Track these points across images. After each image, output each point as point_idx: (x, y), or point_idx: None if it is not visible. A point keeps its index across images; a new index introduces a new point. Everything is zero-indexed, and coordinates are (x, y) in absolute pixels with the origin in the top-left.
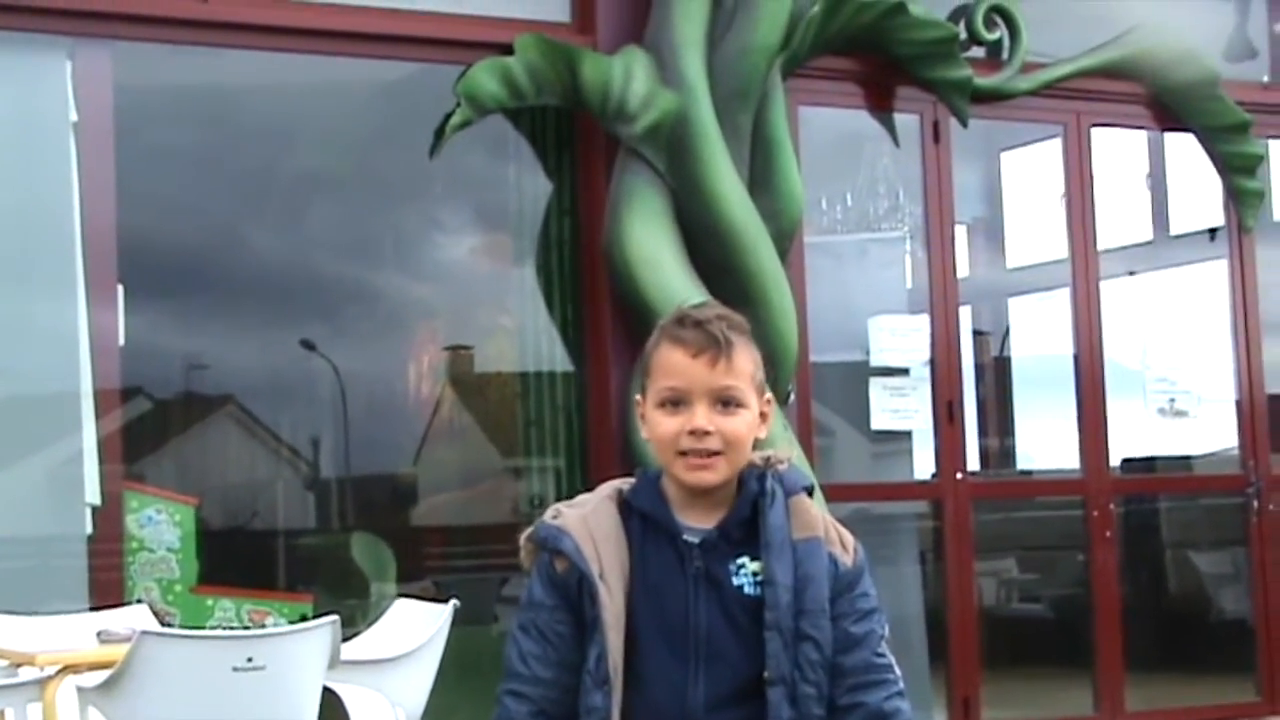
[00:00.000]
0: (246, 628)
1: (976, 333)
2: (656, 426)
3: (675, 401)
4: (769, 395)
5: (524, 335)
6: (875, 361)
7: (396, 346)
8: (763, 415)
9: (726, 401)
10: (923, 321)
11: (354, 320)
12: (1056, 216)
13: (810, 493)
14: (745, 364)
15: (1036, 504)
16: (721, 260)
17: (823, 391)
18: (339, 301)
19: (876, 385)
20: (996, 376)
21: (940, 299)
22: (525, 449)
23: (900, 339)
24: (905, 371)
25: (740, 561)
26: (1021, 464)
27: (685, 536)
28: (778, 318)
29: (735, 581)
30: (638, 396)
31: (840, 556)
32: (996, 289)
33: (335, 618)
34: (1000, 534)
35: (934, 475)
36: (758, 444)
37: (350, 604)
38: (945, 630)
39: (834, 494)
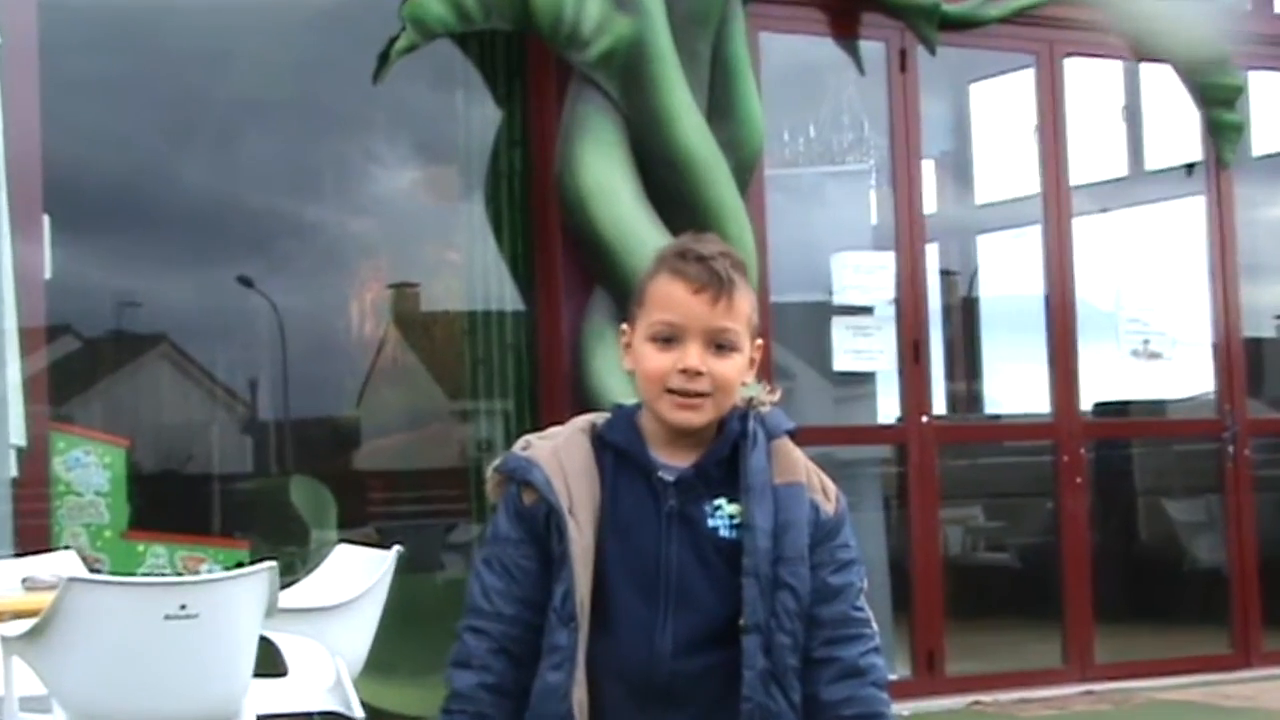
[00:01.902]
0: (179, 574)
1: (944, 271)
2: (645, 360)
3: (668, 338)
4: (760, 340)
5: (472, 271)
6: (838, 300)
7: (338, 283)
8: (752, 360)
9: (722, 344)
10: (888, 259)
11: (293, 256)
12: (1028, 151)
13: (793, 436)
14: (744, 306)
15: (1005, 449)
16: (678, 192)
17: (783, 331)
18: (278, 236)
19: (839, 325)
20: (964, 317)
21: (906, 236)
22: (473, 390)
23: (864, 277)
24: (869, 311)
25: (717, 503)
26: (989, 407)
27: (660, 473)
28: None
29: (711, 523)
30: (624, 326)
31: (822, 504)
32: (965, 226)
33: (273, 564)
34: (967, 480)
35: (899, 419)
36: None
37: (289, 550)
38: (909, 580)
39: (798, 438)
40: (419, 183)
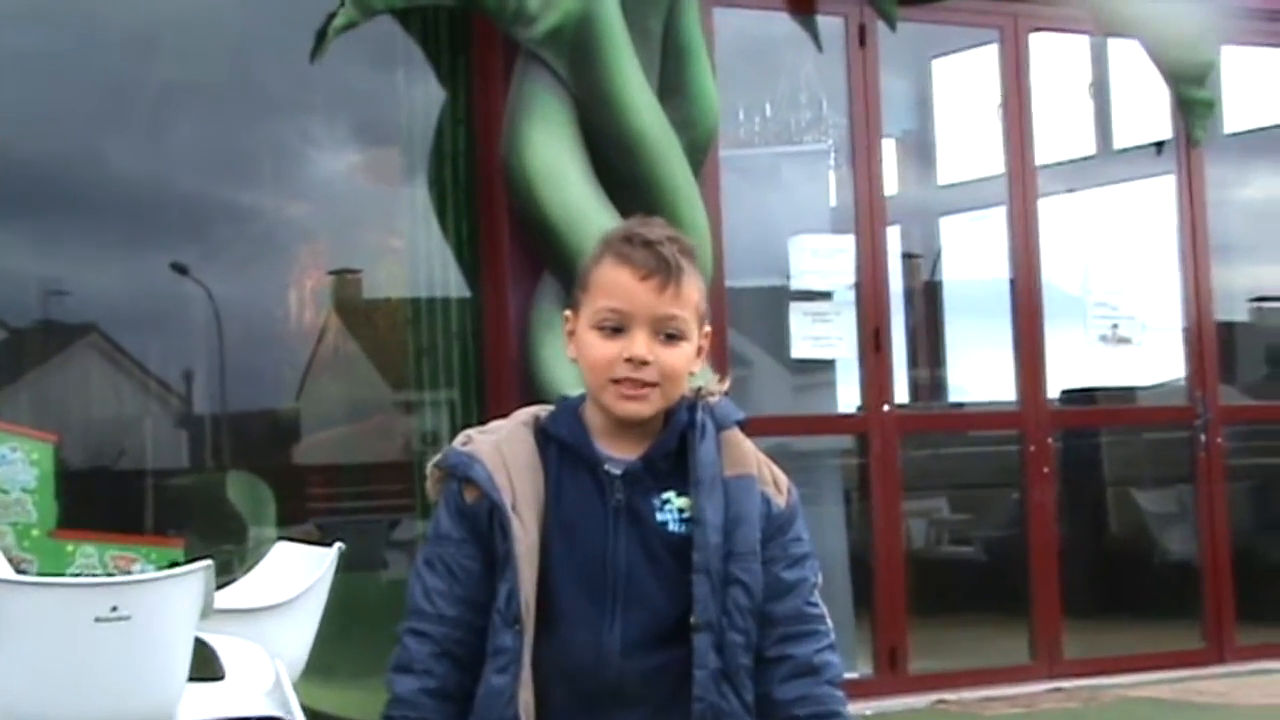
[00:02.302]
0: (111, 575)
1: (905, 255)
2: (589, 349)
3: (614, 326)
4: (708, 328)
5: (415, 257)
6: (796, 285)
7: (276, 270)
8: (700, 349)
9: (669, 332)
10: (847, 242)
11: (230, 242)
12: (992, 129)
13: (743, 427)
14: (692, 293)
15: (969, 439)
16: (629, 174)
17: (739, 317)
18: (213, 221)
19: (797, 311)
20: (927, 301)
21: (866, 218)
22: (417, 381)
23: (823, 261)
24: (828, 296)
25: (666, 497)
26: (953, 396)
27: (606, 467)
28: (689, 236)
29: (659, 518)
30: (567, 312)
31: (774, 497)
32: (927, 207)
33: (208, 563)
34: (930, 471)
35: (859, 408)
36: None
37: (225, 549)
38: (871, 575)
39: (751, 428)
40: (359, 165)
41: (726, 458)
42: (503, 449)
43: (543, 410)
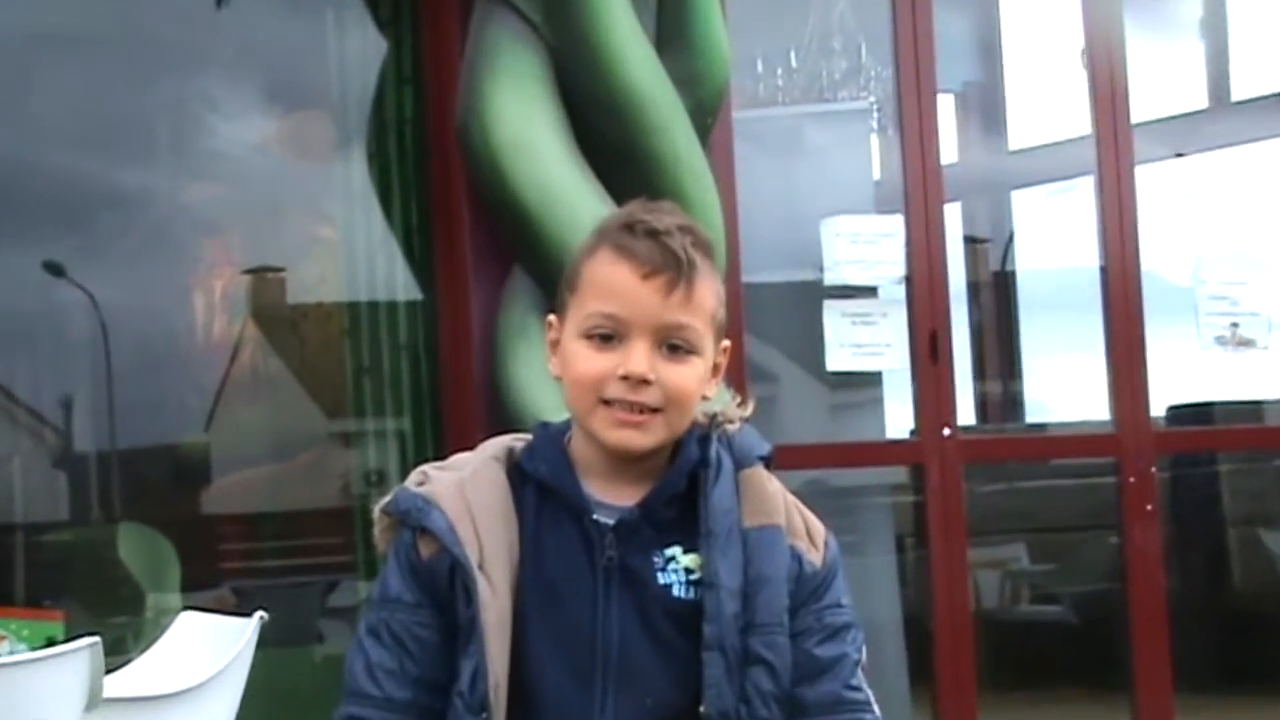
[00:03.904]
0: None
1: (969, 239)
2: (576, 362)
3: (608, 334)
4: (727, 341)
5: (352, 251)
6: (831, 279)
7: (177, 270)
8: (716, 366)
9: (676, 344)
10: (895, 224)
11: (115, 235)
12: (1076, 80)
13: (769, 464)
14: (707, 297)
15: (1052, 469)
16: (619, 143)
17: (760, 321)
18: (94, 210)
19: (833, 312)
20: (996, 297)
21: (919, 193)
22: (357, 406)
23: (865, 248)
24: (872, 292)
25: (670, 553)
26: (1031, 415)
27: (596, 515)
28: (698, 219)
29: (662, 580)
30: (551, 317)
31: (806, 552)
32: (995, 179)
33: (96, 640)
34: (1003, 511)
35: (912, 433)
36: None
37: (117, 622)
38: (930, 643)
39: (778, 460)
40: (278, 137)
41: (747, 503)
42: (467, 491)
43: (518, 441)
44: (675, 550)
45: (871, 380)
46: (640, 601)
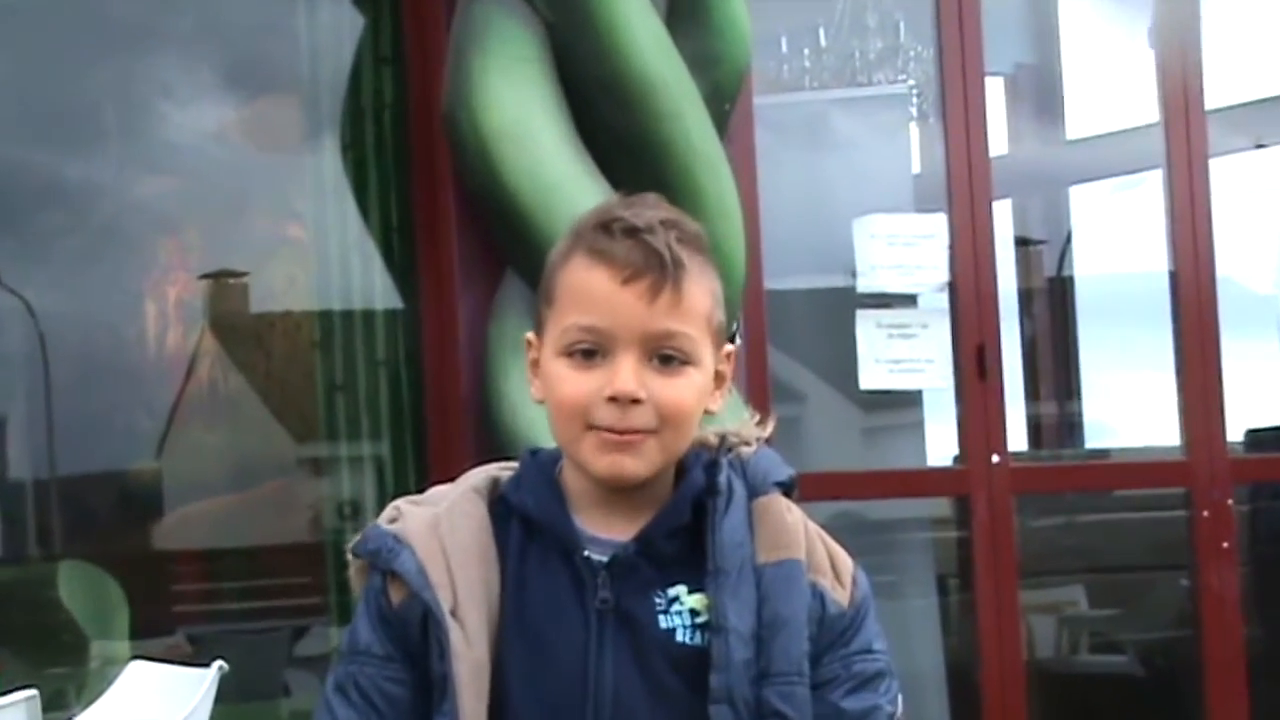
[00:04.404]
0: None
1: (1020, 240)
2: (557, 384)
3: (590, 349)
4: (730, 346)
5: (324, 253)
6: (865, 286)
7: (125, 274)
8: (719, 376)
9: (668, 355)
10: (937, 224)
11: (55, 235)
12: (1143, 61)
13: (789, 491)
14: (700, 298)
15: (1115, 501)
16: (626, 132)
17: (784, 333)
18: (31, 206)
19: (867, 322)
20: (1052, 307)
21: (964, 189)
22: (329, 429)
23: (903, 251)
24: (912, 300)
25: (673, 593)
26: (1091, 440)
27: (588, 552)
28: (715, 218)
29: (664, 623)
30: (530, 335)
31: (830, 590)
32: (1051, 173)
33: (32, 693)
34: (1060, 548)
35: (956, 459)
36: (707, 417)
37: (57, 672)
38: (978, 696)
39: (805, 489)
40: (240, 124)
41: (762, 536)
42: (441, 527)
43: (505, 471)
44: (680, 590)
45: (910, 400)
46: (638, 648)
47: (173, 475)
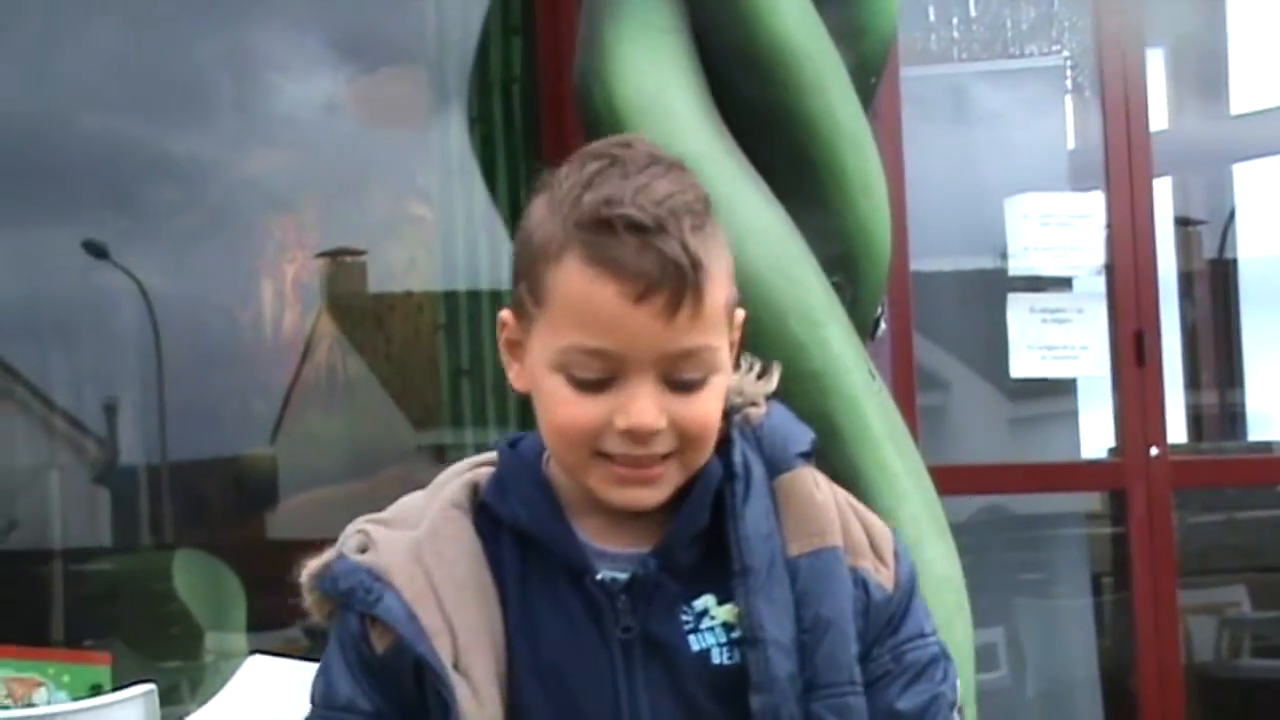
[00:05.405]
0: (4, 707)
1: (1182, 221)
2: (556, 406)
3: (598, 379)
4: (740, 313)
5: (449, 232)
6: (1016, 269)
7: (240, 253)
8: (731, 345)
9: (689, 380)
10: (1094, 203)
11: (166, 212)
12: None
13: (811, 457)
14: (719, 291)
15: (1279, 496)
16: (767, 107)
17: (930, 318)
18: (142, 181)
19: (1019, 307)
20: (1215, 291)
21: (1122, 167)
22: (454, 414)
23: (1057, 232)
24: (1066, 284)
25: (701, 605)
26: (1256, 432)
27: (602, 574)
28: (859, 197)
29: (696, 644)
30: (505, 314)
31: (873, 574)
32: (1215, 150)
33: (149, 688)
34: (1222, 546)
35: (1112, 451)
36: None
37: (171, 666)
38: (1133, 701)
39: (950, 482)
40: (362, 97)
41: (790, 522)
42: (425, 557)
43: (480, 472)
44: (707, 601)
45: (1064, 389)
46: (673, 677)
47: (288, 462)
